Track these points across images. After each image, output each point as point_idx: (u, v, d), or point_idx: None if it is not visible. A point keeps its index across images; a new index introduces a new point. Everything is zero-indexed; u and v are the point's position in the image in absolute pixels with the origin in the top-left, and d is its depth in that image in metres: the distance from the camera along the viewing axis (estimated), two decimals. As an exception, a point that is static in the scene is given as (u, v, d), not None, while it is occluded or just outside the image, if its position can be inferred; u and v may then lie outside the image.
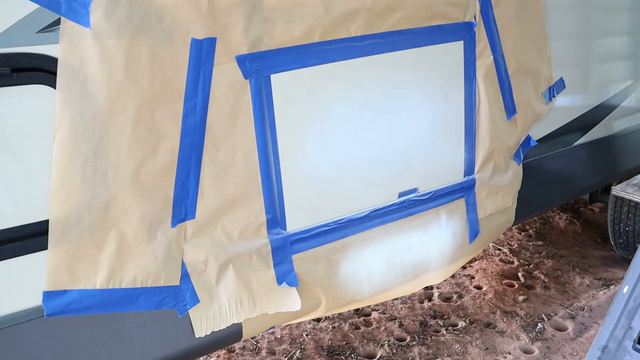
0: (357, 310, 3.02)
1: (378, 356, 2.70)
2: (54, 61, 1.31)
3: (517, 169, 2.42)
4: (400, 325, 2.93)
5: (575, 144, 2.84)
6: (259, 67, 1.59)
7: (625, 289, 1.77)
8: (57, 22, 1.30)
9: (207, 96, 1.53)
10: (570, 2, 2.60)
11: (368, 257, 2.00)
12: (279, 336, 2.85)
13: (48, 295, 1.41)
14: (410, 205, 2.06)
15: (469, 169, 2.22)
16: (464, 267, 3.48)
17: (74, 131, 1.35)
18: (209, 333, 1.67)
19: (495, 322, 2.94)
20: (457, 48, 2.05)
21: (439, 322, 2.96)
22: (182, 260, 1.59)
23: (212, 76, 1.52)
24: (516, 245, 3.82)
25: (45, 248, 1.38)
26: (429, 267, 2.20)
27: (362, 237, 1.97)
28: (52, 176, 1.35)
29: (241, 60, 1.56)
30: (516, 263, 3.57)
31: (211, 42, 1.49)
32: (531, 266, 3.52)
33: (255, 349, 2.76)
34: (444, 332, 2.87)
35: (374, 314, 3.03)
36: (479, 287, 3.29)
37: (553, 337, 2.81)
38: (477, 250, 2.41)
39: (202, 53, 1.48)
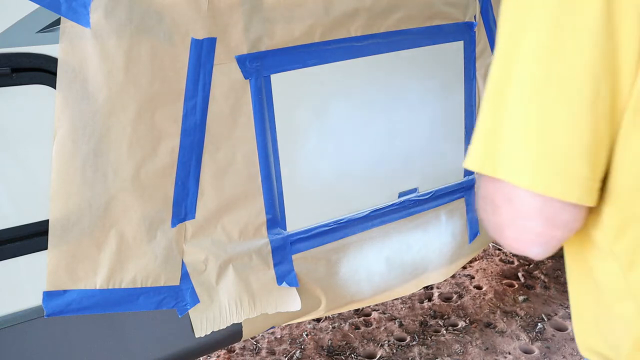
0: (357, 310, 3.02)
1: (378, 356, 2.70)
2: (54, 61, 1.31)
3: (517, 169, 2.42)
4: (400, 325, 2.93)
5: (575, 144, 2.83)
6: (259, 67, 1.59)
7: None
8: (57, 22, 1.30)
9: (207, 96, 1.53)
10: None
11: (368, 257, 2.00)
12: (279, 336, 2.85)
13: (48, 295, 1.41)
14: (410, 205, 2.06)
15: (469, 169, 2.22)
16: (464, 267, 3.48)
17: (74, 131, 1.35)
18: (209, 333, 1.67)
19: (495, 322, 2.93)
20: (457, 48, 2.05)
21: (439, 322, 2.96)
22: (182, 260, 1.59)
23: (212, 76, 1.52)
24: (516, 245, 3.81)
25: (45, 248, 1.38)
26: (428, 267, 2.20)
27: (362, 237, 1.97)
28: (52, 176, 1.35)
29: (241, 60, 1.56)
30: (516, 263, 3.57)
31: (211, 42, 1.49)
32: (531, 266, 3.52)
33: (255, 349, 2.76)
34: (444, 332, 2.87)
35: (374, 314, 3.03)
36: (479, 287, 3.29)
37: (553, 337, 2.81)
38: (477, 250, 2.41)
39: (202, 53, 1.48)
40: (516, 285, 3.32)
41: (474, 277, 3.42)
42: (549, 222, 0.63)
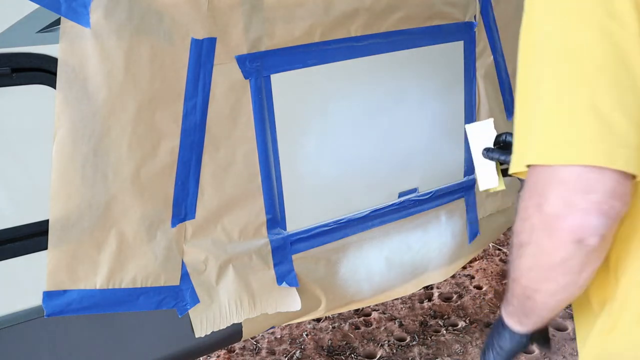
0: (357, 310, 3.02)
1: (378, 356, 2.70)
2: (54, 61, 1.31)
3: (517, 169, 2.42)
4: (400, 325, 2.93)
5: (575, 144, 2.83)
6: (259, 67, 1.59)
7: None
8: (57, 22, 1.30)
9: (207, 96, 1.53)
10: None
11: (368, 257, 2.00)
12: (279, 336, 2.85)
13: (48, 296, 1.41)
14: (410, 205, 2.06)
15: (469, 169, 2.22)
16: (464, 267, 3.48)
17: (74, 131, 1.35)
18: (209, 333, 1.67)
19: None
20: (457, 48, 2.05)
21: (439, 322, 2.96)
22: (182, 260, 1.59)
23: (212, 76, 1.52)
24: (516, 245, 3.80)
25: (45, 248, 1.38)
26: (428, 267, 2.20)
27: (362, 237, 1.97)
28: (52, 176, 1.35)
29: (241, 60, 1.56)
30: (516, 263, 3.56)
31: (211, 42, 1.49)
32: (531, 266, 3.52)
33: (255, 349, 2.76)
34: (444, 332, 2.87)
35: (374, 314, 3.03)
36: (479, 287, 3.29)
37: (553, 337, 2.81)
38: (477, 250, 2.41)
39: (202, 53, 1.48)
40: (516, 285, 3.31)
41: (474, 277, 3.42)
42: (608, 193, 0.70)
